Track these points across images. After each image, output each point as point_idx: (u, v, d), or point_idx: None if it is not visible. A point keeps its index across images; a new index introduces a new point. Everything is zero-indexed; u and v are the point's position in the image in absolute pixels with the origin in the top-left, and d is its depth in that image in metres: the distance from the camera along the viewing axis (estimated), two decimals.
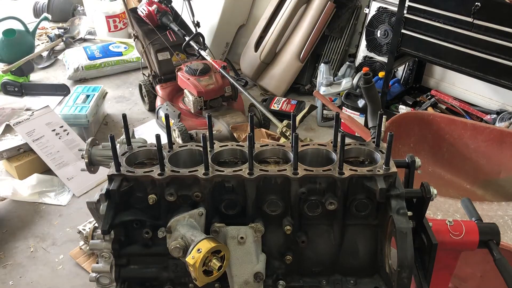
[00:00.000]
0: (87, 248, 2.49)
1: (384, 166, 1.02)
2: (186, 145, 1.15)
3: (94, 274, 1.08)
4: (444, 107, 3.46)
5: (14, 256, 2.56)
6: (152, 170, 1.05)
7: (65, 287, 2.40)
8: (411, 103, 3.51)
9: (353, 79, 3.33)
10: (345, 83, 3.41)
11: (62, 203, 2.92)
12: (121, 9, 4.82)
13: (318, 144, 1.13)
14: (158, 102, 3.62)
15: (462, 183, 2.49)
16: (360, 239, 1.07)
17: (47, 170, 3.07)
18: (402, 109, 3.45)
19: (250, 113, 1.13)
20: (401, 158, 1.12)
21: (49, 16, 5.19)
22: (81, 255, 2.53)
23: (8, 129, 3.18)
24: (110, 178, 1.04)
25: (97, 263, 1.08)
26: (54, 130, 3.18)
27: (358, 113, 3.33)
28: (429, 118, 2.45)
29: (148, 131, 3.52)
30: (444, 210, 2.10)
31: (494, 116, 3.20)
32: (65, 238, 2.67)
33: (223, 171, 1.03)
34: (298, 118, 2.96)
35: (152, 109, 3.76)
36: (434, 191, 1.00)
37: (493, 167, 2.40)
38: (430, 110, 3.38)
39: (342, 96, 3.48)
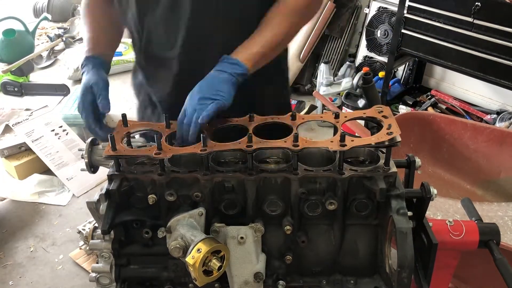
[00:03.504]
0: (87, 248, 2.49)
1: (384, 166, 1.02)
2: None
3: (94, 274, 1.08)
4: (444, 107, 3.46)
5: (14, 256, 2.56)
6: (152, 170, 1.05)
7: (65, 287, 2.39)
8: (411, 103, 3.51)
9: (353, 79, 3.33)
10: (345, 83, 3.41)
11: (62, 203, 2.92)
12: None
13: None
14: None
15: (462, 183, 2.49)
16: (360, 239, 1.07)
17: (47, 170, 3.07)
18: (402, 109, 3.46)
19: (249, 113, 1.13)
20: (401, 158, 1.12)
21: (49, 16, 5.18)
22: (81, 255, 2.52)
23: (8, 129, 3.18)
24: (110, 178, 1.05)
25: (97, 263, 1.08)
26: (53, 130, 3.18)
27: None
28: (429, 118, 2.45)
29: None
30: (444, 211, 2.10)
31: (494, 116, 3.20)
32: (65, 238, 2.67)
33: (223, 171, 1.03)
34: None
35: None
36: (434, 191, 1.00)
37: (493, 168, 2.40)
38: (430, 110, 3.38)
39: (342, 96, 3.48)
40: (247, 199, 1.03)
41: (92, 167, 1.18)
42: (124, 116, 1.18)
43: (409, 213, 0.97)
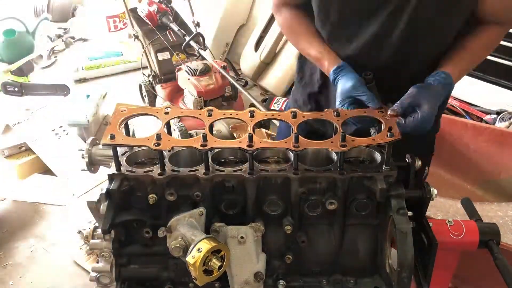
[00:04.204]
0: (87, 248, 2.50)
1: (384, 166, 1.02)
2: None
3: (94, 274, 1.07)
4: None
5: (14, 256, 2.56)
6: (153, 170, 1.05)
7: (65, 287, 2.39)
8: None
9: None
10: None
11: (62, 203, 2.92)
12: (121, 9, 4.82)
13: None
14: (158, 102, 3.62)
15: (463, 183, 2.49)
16: (360, 239, 1.07)
17: (47, 170, 3.07)
18: None
19: (250, 112, 1.13)
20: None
21: (49, 16, 5.19)
22: (81, 255, 2.52)
23: (8, 129, 3.18)
24: (111, 177, 1.04)
25: (98, 262, 1.08)
26: (53, 130, 3.18)
27: None
28: None
29: (148, 131, 3.52)
30: (444, 211, 2.10)
31: (494, 116, 3.20)
32: (65, 238, 2.67)
33: (223, 171, 1.03)
34: None
35: None
36: (434, 191, 1.00)
37: (493, 168, 2.41)
38: None
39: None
40: (247, 199, 1.03)
41: (93, 167, 1.18)
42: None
43: (409, 213, 0.97)
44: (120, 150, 1.10)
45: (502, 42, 2.69)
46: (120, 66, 4.40)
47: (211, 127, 1.09)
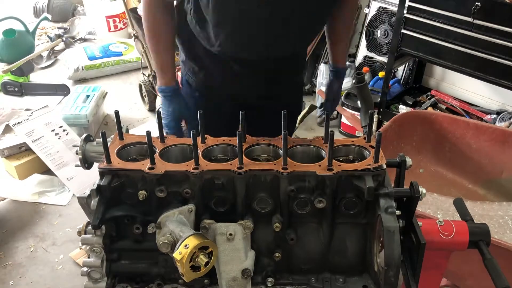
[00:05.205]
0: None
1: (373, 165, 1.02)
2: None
3: (85, 269, 1.08)
4: (444, 107, 3.44)
5: (14, 256, 2.57)
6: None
7: (65, 287, 2.39)
8: (411, 103, 3.50)
9: (353, 79, 3.33)
10: (345, 83, 3.40)
11: (62, 203, 2.92)
12: (121, 9, 4.83)
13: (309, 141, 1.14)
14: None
15: (464, 182, 2.47)
16: (349, 238, 1.07)
17: (47, 170, 3.07)
18: (402, 109, 3.44)
19: (241, 111, 1.14)
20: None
21: (49, 16, 5.20)
22: (81, 255, 2.53)
23: (8, 129, 3.19)
24: (101, 174, 1.05)
25: (89, 257, 1.08)
26: (53, 130, 3.18)
27: (358, 113, 3.33)
28: (432, 117, 2.43)
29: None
30: (444, 209, 2.09)
31: (494, 116, 3.19)
32: (65, 238, 2.68)
33: (213, 168, 1.04)
34: (298, 118, 2.96)
35: (152, 109, 3.76)
36: (423, 190, 1.00)
37: (495, 167, 2.39)
38: (430, 110, 3.37)
39: (342, 96, 3.48)
40: (237, 196, 1.04)
41: (87, 163, 1.19)
42: (116, 113, 1.19)
43: (398, 212, 0.97)
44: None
45: (502, 42, 2.68)
46: (120, 66, 4.40)
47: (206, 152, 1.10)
